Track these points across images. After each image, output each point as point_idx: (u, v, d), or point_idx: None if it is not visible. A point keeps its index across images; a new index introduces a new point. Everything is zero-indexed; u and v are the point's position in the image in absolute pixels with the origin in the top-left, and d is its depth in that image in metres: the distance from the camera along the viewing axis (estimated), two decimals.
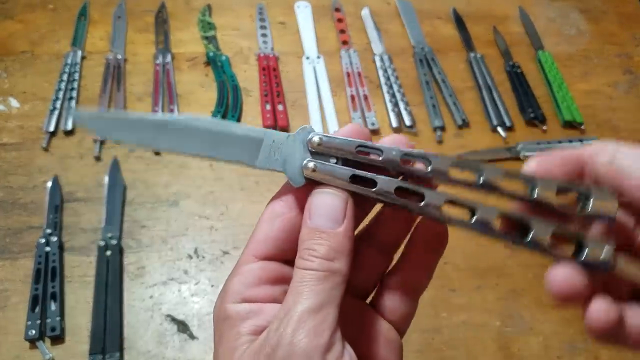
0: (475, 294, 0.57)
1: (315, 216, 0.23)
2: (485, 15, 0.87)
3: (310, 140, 0.25)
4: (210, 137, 0.25)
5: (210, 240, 0.59)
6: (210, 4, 0.83)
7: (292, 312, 0.21)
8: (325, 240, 0.22)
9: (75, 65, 0.72)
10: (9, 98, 0.69)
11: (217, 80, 0.72)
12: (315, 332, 0.20)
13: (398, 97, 0.73)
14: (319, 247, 0.22)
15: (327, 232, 0.22)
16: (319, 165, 0.24)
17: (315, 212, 0.23)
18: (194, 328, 0.53)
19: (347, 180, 0.24)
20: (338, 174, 0.24)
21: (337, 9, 0.84)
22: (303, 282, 0.22)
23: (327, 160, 0.25)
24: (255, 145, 0.25)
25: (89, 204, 0.60)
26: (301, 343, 0.20)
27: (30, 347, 0.50)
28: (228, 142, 0.25)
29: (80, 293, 0.54)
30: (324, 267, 0.22)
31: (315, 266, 0.22)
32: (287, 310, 0.21)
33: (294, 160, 0.25)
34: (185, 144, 0.25)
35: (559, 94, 0.76)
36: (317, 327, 0.21)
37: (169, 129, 0.25)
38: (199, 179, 0.64)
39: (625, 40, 0.87)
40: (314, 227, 0.23)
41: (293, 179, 0.25)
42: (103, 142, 0.65)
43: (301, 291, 0.21)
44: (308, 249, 0.22)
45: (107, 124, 0.25)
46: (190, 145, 0.25)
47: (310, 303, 0.21)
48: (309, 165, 0.24)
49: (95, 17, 0.79)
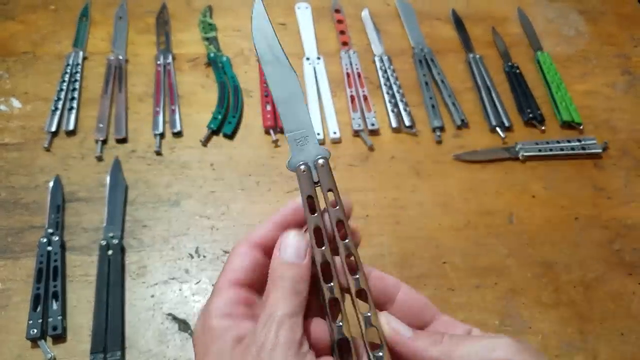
0: (474, 293, 0.58)
1: (283, 252, 0.30)
2: (484, 17, 0.88)
3: (318, 160, 0.32)
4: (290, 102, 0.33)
5: (211, 240, 0.59)
6: (211, 5, 0.83)
7: (273, 316, 0.28)
8: (293, 269, 0.29)
9: (77, 66, 0.72)
10: (10, 98, 0.69)
11: (218, 81, 0.73)
12: (292, 330, 0.27)
13: (398, 97, 0.73)
14: (289, 274, 0.29)
15: (294, 264, 0.29)
16: (302, 175, 0.32)
17: (284, 249, 0.30)
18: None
19: (304, 201, 0.31)
20: (301, 191, 0.32)
21: (337, 10, 0.85)
22: (278, 296, 0.28)
23: (310, 174, 0.32)
24: (305, 128, 0.32)
25: (90, 203, 0.60)
26: (283, 338, 0.27)
27: (32, 346, 0.50)
28: (297, 111, 0.33)
29: (82, 292, 0.54)
30: (293, 287, 0.29)
31: (287, 285, 0.29)
32: (269, 315, 0.28)
33: (299, 158, 0.32)
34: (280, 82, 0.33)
35: (557, 95, 0.77)
36: (292, 327, 0.27)
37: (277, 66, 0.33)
38: (200, 179, 0.64)
39: (623, 41, 0.88)
40: (284, 260, 0.30)
41: (290, 163, 0.32)
42: (105, 142, 0.66)
43: (278, 302, 0.28)
44: (280, 276, 0.29)
45: None
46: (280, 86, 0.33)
47: (286, 310, 0.28)
48: (302, 167, 0.31)
49: (97, 18, 0.79)
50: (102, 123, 0.67)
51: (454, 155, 0.69)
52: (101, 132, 0.66)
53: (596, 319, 0.57)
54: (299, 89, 0.32)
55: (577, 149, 0.71)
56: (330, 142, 0.69)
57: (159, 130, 0.67)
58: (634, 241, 0.64)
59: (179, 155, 0.66)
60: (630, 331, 0.56)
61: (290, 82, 0.32)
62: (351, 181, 0.65)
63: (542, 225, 0.64)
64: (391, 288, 0.31)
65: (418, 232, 0.62)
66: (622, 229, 0.65)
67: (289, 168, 0.32)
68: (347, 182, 0.65)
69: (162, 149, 0.66)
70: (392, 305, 0.31)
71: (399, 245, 0.61)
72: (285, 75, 0.33)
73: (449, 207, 0.65)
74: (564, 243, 0.63)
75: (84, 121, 0.68)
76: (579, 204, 0.67)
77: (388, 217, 0.63)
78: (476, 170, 0.69)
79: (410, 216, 0.63)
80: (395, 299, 0.31)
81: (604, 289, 0.59)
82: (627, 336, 0.56)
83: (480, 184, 0.67)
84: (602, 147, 0.72)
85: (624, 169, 0.71)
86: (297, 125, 0.32)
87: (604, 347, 0.55)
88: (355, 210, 0.62)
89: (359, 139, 0.70)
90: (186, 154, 0.66)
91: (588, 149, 0.71)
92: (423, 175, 0.67)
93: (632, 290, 0.59)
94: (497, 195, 0.66)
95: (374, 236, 0.61)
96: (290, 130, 0.32)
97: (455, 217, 0.64)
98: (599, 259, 0.62)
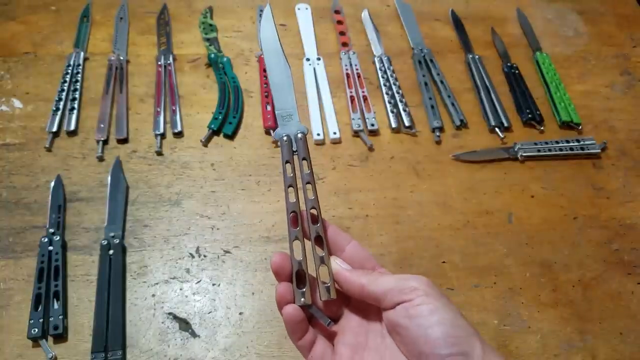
0: (473, 292, 0.58)
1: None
2: (483, 17, 0.88)
3: (298, 134, 0.40)
4: (282, 74, 0.41)
5: (211, 240, 0.59)
6: (211, 6, 0.83)
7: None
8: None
9: (78, 67, 0.72)
10: (12, 99, 0.69)
11: (218, 82, 0.73)
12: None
13: (397, 98, 0.74)
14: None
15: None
16: (283, 146, 0.39)
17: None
18: (196, 326, 0.53)
19: (284, 164, 0.39)
20: (282, 158, 0.39)
21: (337, 11, 0.85)
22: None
23: (290, 151, 0.39)
24: (291, 109, 0.40)
25: (91, 203, 0.61)
26: None
27: (33, 346, 0.51)
28: (286, 95, 0.40)
29: (83, 292, 0.54)
30: None
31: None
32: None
33: (283, 131, 0.40)
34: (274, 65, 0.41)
35: (556, 95, 0.77)
36: None
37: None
38: (200, 179, 0.64)
39: (622, 41, 0.88)
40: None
41: (274, 134, 0.41)
42: (106, 143, 0.66)
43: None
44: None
45: None
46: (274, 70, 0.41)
47: None
48: (284, 138, 0.39)
49: (98, 19, 0.80)
50: (103, 123, 0.67)
51: (453, 156, 0.69)
52: (102, 132, 0.66)
53: (595, 319, 0.57)
54: (290, 79, 0.41)
55: (575, 149, 0.71)
56: (330, 142, 0.70)
57: (160, 131, 0.67)
58: (633, 241, 0.64)
59: (179, 156, 0.66)
60: (629, 330, 0.56)
61: (284, 73, 0.41)
62: (351, 181, 0.66)
63: (541, 225, 0.64)
64: (343, 240, 0.38)
65: (417, 232, 0.62)
66: (620, 229, 0.65)
67: (275, 137, 0.40)
68: (347, 182, 0.65)
69: (163, 149, 0.66)
70: (342, 253, 0.38)
71: (399, 244, 0.61)
72: (281, 67, 0.41)
73: (448, 207, 0.65)
74: (563, 243, 0.63)
75: (85, 121, 0.68)
76: (578, 204, 0.67)
77: (388, 217, 0.63)
78: (475, 171, 0.69)
79: (410, 216, 0.63)
80: (345, 249, 0.38)
81: (602, 288, 0.59)
82: (626, 335, 0.56)
83: (479, 184, 0.67)
84: (601, 147, 0.72)
85: (623, 169, 0.71)
86: (285, 106, 0.40)
87: (602, 347, 0.55)
88: (355, 210, 0.63)
89: (358, 139, 0.70)
90: (187, 154, 0.66)
91: (587, 149, 0.71)
92: (422, 175, 0.68)
93: (631, 289, 0.60)
94: (496, 195, 0.66)
95: (374, 236, 0.61)
96: (280, 108, 0.40)
97: (455, 217, 0.64)
98: (597, 258, 0.62)
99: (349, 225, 0.61)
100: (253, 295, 0.56)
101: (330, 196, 0.64)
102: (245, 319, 0.54)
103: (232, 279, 0.57)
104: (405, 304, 0.33)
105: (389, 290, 0.34)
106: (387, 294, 0.34)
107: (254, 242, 0.60)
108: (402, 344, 0.34)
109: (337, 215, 0.62)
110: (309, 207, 0.38)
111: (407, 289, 0.33)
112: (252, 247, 0.59)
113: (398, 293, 0.33)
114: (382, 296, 0.34)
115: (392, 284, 0.34)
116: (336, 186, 0.65)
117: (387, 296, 0.34)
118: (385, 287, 0.34)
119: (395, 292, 0.34)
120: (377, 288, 0.35)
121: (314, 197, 0.38)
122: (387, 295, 0.34)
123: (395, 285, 0.34)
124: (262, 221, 0.61)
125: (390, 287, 0.34)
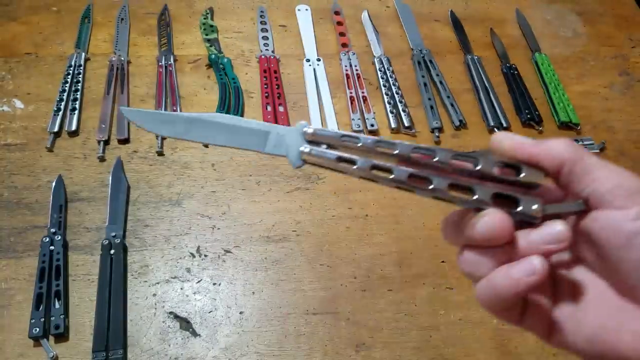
0: (473, 291, 0.58)
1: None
2: (483, 18, 0.89)
3: (306, 131, 0.30)
4: (230, 130, 0.31)
5: (212, 239, 0.60)
6: (212, 7, 0.84)
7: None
8: None
9: (79, 67, 0.72)
10: (13, 99, 0.69)
11: (219, 82, 0.73)
12: None
13: (397, 98, 0.74)
14: None
15: None
16: (313, 150, 0.29)
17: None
18: (197, 325, 0.54)
19: (334, 160, 0.29)
20: (327, 156, 0.29)
21: (337, 12, 0.85)
22: None
23: (319, 146, 0.30)
24: (264, 136, 0.31)
25: (92, 203, 0.61)
26: None
27: (34, 345, 0.51)
28: (244, 134, 0.31)
29: (84, 291, 0.54)
30: None
31: None
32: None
33: (294, 147, 0.30)
34: (211, 136, 0.31)
35: (555, 96, 0.77)
36: None
37: (198, 124, 0.31)
38: (201, 179, 0.64)
39: (621, 42, 0.88)
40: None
41: (293, 161, 0.30)
42: (107, 143, 0.66)
43: None
44: None
45: (149, 119, 0.31)
46: (214, 137, 0.31)
47: None
48: (305, 150, 0.30)
49: (99, 20, 0.80)
50: (104, 123, 0.67)
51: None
52: (103, 132, 0.66)
53: None
54: (225, 117, 0.31)
55: None
56: None
57: None
58: None
59: (180, 156, 0.66)
60: None
61: (216, 125, 0.31)
62: (351, 181, 0.66)
63: None
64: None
65: (417, 232, 0.62)
66: None
67: (295, 166, 0.30)
68: (347, 182, 0.66)
69: (163, 150, 0.66)
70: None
71: (399, 244, 0.61)
72: (207, 127, 0.31)
73: (448, 206, 0.65)
74: None
75: (86, 122, 0.68)
76: None
77: (387, 216, 0.63)
78: None
79: (410, 216, 0.64)
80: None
81: None
82: None
83: None
84: (600, 147, 0.72)
85: None
86: (262, 140, 0.30)
87: None
88: (355, 210, 0.63)
89: None
90: (188, 155, 0.67)
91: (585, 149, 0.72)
92: None
93: None
94: None
95: (374, 236, 0.61)
96: (264, 147, 0.30)
97: None
98: None
99: (349, 225, 0.62)
100: (253, 295, 0.56)
101: (330, 196, 0.64)
102: (246, 318, 0.55)
103: (232, 279, 0.57)
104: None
105: (617, 186, 0.24)
106: (614, 190, 0.24)
107: (255, 241, 0.60)
108: (604, 270, 0.25)
109: (337, 215, 0.62)
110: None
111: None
112: (252, 247, 0.59)
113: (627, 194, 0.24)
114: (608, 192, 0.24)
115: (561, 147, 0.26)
116: (336, 186, 0.65)
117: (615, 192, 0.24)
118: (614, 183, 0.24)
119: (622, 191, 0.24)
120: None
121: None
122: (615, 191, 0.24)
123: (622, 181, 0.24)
124: (262, 221, 0.62)
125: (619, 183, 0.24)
